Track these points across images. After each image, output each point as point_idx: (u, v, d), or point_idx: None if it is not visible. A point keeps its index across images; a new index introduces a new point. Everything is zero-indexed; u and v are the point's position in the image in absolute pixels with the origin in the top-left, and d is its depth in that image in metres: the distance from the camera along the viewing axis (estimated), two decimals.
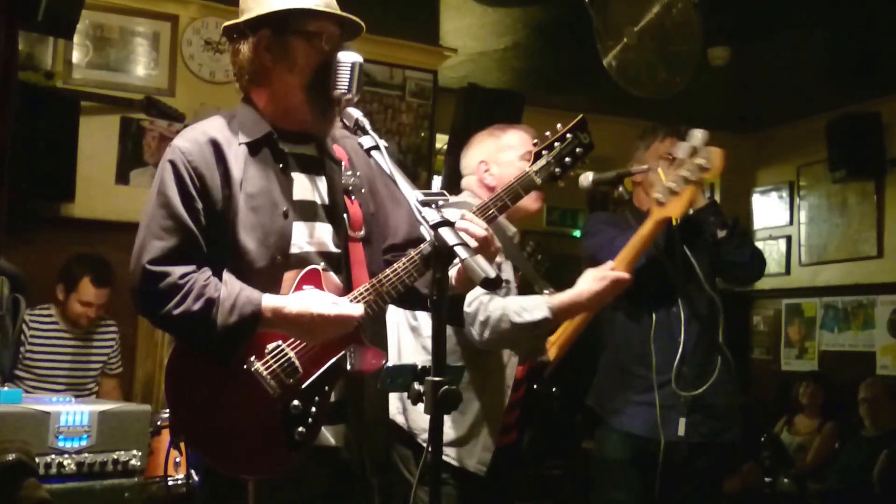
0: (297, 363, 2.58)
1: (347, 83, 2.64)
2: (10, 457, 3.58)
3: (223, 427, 2.58)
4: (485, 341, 3.40)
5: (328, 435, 2.68)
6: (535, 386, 3.72)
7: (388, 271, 2.64)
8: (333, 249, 2.74)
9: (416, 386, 2.26)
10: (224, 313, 2.50)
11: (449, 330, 3.49)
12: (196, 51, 6.55)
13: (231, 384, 2.57)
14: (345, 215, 2.77)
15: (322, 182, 2.78)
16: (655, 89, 5.22)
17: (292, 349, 2.59)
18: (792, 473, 7.19)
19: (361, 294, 2.63)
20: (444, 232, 2.20)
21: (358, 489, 2.77)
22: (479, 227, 2.63)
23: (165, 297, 2.51)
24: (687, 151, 3.32)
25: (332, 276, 2.71)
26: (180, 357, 2.63)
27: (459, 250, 2.15)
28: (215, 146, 2.66)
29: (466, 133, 7.34)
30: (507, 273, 3.61)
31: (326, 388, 2.61)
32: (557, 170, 2.85)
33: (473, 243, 2.55)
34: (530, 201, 3.60)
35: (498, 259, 3.57)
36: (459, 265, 2.67)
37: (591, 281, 3.43)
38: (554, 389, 3.77)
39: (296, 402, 2.57)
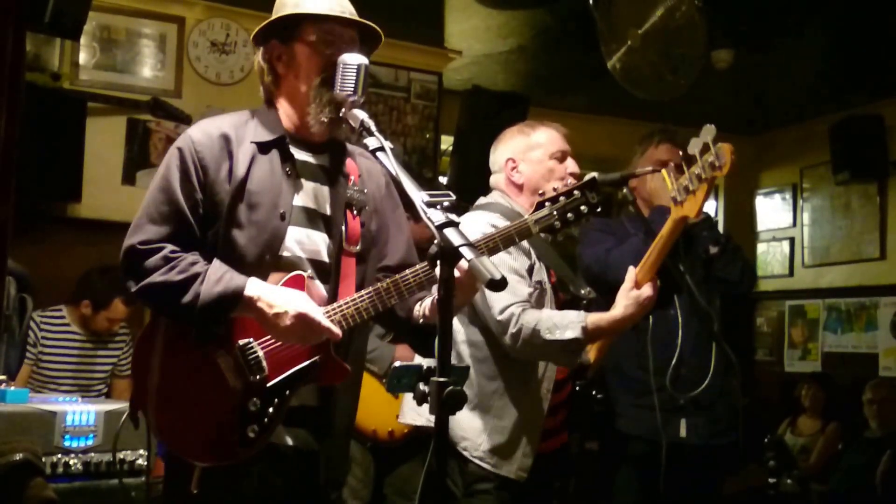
0: (264, 363, 2.60)
1: (353, 85, 2.65)
2: (18, 456, 3.59)
3: (181, 410, 2.61)
4: (517, 352, 3.38)
5: (286, 436, 2.69)
6: (576, 388, 3.70)
7: (370, 289, 2.67)
8: (325, 259, 2.76)
9: (422, 386, 2.27)
10: (209, 284, 2.53)
11: (479, 336, 3.50)
12: (202, 52, 6.58)
13: (196, 371, 2.61)
14: (342, 228, 2.79)
15: (326, 192, 2.81)
16: (659, 91, 5.23)
17: (262, 348, 2.61)
18: (795, 475, 7.19)
19: (341, 307, 2.65)
20: (450, 233, 2.20)
21: (317, 501, 2.78)
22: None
23: (151, 269, 2.58)
24: (699, 148, 3.30)
25: (318, 285, 2.73)
26: (153, 335, 2.67)
27: (465, 251, 2.15)
28: (226, 140, 2.70)
29: (471, 134, 7.43)
30: (541, 275, 3.58)
31: (287, 392, 2.62)
32: (558, 223, 2.76)
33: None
34: None
35: (531, 261, 3.57)
36: (433, 301, 2.74)
37: (629, 306, 3.36)
38: (595, 392, 3.76)
39: (255, 400, 2.59)
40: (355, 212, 2.83)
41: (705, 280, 4.11)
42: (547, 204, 2.79)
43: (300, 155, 2.79)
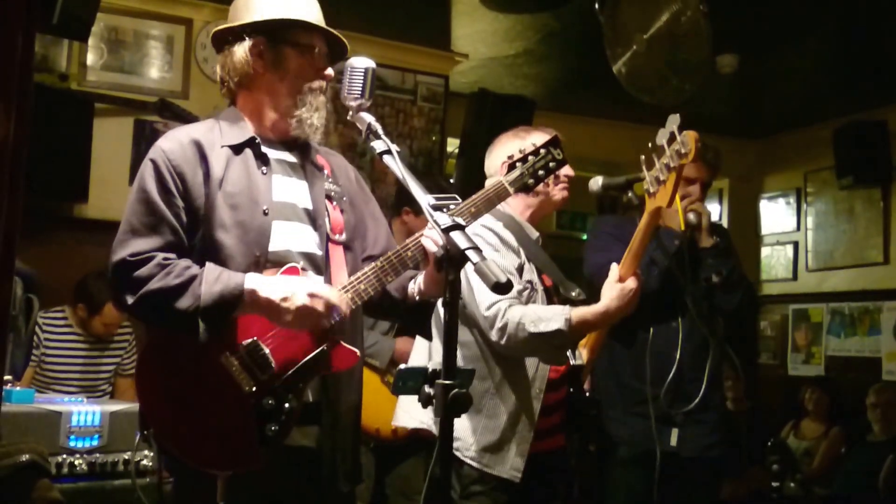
0: (271, 359, 2.59)
1: (360, 88, 2.69)
2: (24, 457, 3.59)
3: (195, 421, 2.57)
4: (503, 347, 3.41)
5: (300, 436, 2.68)
6: (570, 389, 3.72)
7: (366, 269, 2.69)
8: (314, 251, 2.77)
9: (427, 389, 2.28)
10: (208, 284, 2.50)
11: (469, 336, 3.51)
12: (209, 54, 6.57)
13: (204, 378, 2.57)
14: (326, 219, 2.81)
15: (304, 187, 2.83)
16: (664, 96, 5.24)
17: (267, 345, 2.60)
18: (798, 478, 7.19)
19: (340, 291, 2.66)
20: (456, 236, 2.22)
21: (328, 495, 2.77)
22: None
23: (145, 278, 2.53)
24: (666, 137, 3.35)
25: (312, 276, 2.73)
26: (154, 350, 2.65)
27: (471, 254, 2.16)
28: (198, 146, 2.70)
29: (477, 137, 7.43)
30: (531, 275, 3.62)
31: (301, 385, 2.62)
32: (531, 181, 2.94)
33: None
34: (556, 190, 3.65)
35: (521, 260, 3.59)
36: (426, 274, 2.78)
37: (615, 299, 3.43)
38: (588, 393, 3.77)
39: (269, 399, 2.57)
40: (334, 202, 2.87)
41: (707, 299, 4.11)
42: (518, 165, 2.94)
43: (273, 153, 2.81)
